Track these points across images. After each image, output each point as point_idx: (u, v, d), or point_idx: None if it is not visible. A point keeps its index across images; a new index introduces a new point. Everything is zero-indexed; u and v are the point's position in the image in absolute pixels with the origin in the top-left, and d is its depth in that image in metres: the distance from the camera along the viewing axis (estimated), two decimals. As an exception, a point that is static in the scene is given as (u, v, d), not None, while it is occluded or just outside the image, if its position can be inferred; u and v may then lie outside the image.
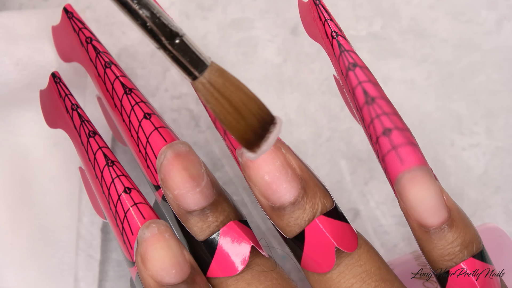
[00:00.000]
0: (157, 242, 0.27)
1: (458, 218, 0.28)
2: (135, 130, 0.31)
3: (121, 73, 0.32)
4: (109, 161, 0.31)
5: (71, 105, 0.32)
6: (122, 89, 0.32)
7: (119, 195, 0.30)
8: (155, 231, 0.28)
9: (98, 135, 0.31)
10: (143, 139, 0.31)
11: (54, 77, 0.32)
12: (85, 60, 0.34)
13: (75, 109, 0.32)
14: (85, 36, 0.33)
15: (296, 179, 0.28)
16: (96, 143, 0.31)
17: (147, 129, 0.31)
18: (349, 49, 0.29)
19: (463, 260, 0.28)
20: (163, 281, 0.27)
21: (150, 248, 0.27)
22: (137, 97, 0.32)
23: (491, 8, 0.43)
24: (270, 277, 0.29)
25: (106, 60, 0.33)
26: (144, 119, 0.31)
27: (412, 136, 0.28)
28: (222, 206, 0.29)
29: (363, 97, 0.29)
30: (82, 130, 0.31)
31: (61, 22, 0.35)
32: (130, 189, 0.30)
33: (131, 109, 0.31)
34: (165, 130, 0.31)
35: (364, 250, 0.29)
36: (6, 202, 0.38)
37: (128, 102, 0.31)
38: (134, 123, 0.31)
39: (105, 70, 0.32)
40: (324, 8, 0.30)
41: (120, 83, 0.32)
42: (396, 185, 0.28)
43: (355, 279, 0.29)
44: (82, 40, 0.33)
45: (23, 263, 0.37)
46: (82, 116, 0.32)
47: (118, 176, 0.30)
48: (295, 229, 0.29)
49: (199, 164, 0.29)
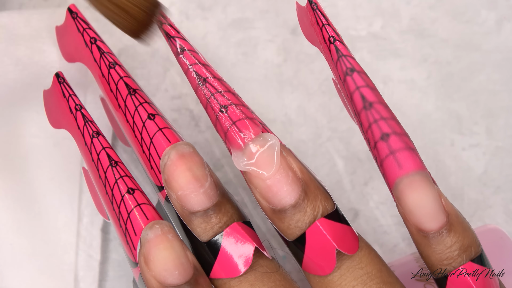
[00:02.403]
0: (160, 243, 0.28)
1: (456, 223, 0.28)
2: (139, 131, 0.31)
3: (125, 74, 0.32)
4: (113, 162, 0.31)
5: (75, 105, 0.32)
6: (126, 89, 0.32)
7: (123, 196, 0.30)
8: (158, 232, 0.28)
9: (102, 136, 0.31)
10: (147, 140, 0.31)
11: (58, 77, 0.32)
12: (89, 61, 0.34)
13: (79, 109, 0.32)
14: (89, 36, 0.34)
15: (297, 181, 0.28)
16: (100, 143, 0.31)
17: (151, 130, 0.31)
18: (347, 54, 0.29)
19: (461, 264, 0.28)
20: (166, 282, 0.27)
21: (153, 249, 0.27)
22: (141, 98, 0.32)
23: (491, 8, 0.43)
24: (273, 278, 0.29)
25: (111, 61, 0.33)
26: (148, 120, 0.31)
27: (410, 141, 0.28)
28: (226, 207, 0.30)
29: (361, 102, 0.29)
30: (85, 131, 0.32)
31: (65, 22, 0.35)
32: (134, 189, 0.30)
33: (135, 109, 0.31)
34: (169, 131, 0.31)
35: (365, 253, 0.29)
36: (6, 202, 0.38)
37: (132, 102, 0.32)
38: (138, 123, 0.31)
39: (109, 70, 0.33)
40: (321, 13, 0.30)
41: (124, 84, 0.32)
42: (394, 190, 0.28)
43: (356, 282, 0.29)
44: (86, 41, 0.34)
45: (23, 263, 0.38)
46: (86, 117, 0.32)
47: (122, 176, 0.30)
48: (296, 231, 0.29)
49: (202, 165, 0.29)
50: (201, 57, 0.30)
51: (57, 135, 0.38)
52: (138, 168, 0.40)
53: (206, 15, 0.42)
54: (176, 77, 0.41)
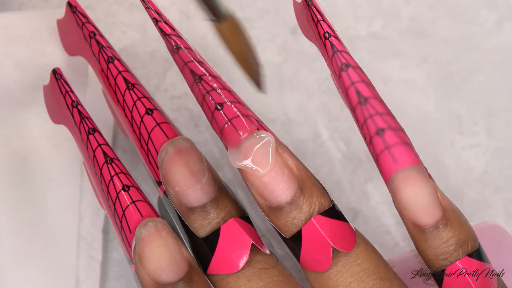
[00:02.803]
0: (154, 240, 0.28)
1: (453, 217, 0.28)
2: (137, 126, 0.31)
3: (124, 68, 0.32)
4: (108, 159, 0.31)
5: (72, 101, 0.32)
6: (125, 84, 0.32)
7: (118, 193, 0.30)
8: (152, 229, 0.28)
9: (98, 132, 0.31)
10: (145, 135, 0.31)
11: (55, 73, 0.32)
12: (89, 55, 0.34)
13: (75, 106, 0.32)
14: (88, 30, 0.33)
15: (293, 178, 0.28)
16: (96, 140, 0.31)
17: (149, 124, 0.31)
18: (342, 50, 0.29)
19: (458, 259, 0.28)
20: (160, 279, 0.27)
21: (146, 246, 0.28)
22: (139, 93, 0.32)
23: (491, 8, 0.43)
24: (270, 274, 0.29)
25: (109, 55, 0.33)
26: (146, 115, 0.31)
27: (406, 136, 0.28)
28: (224, 202, 0.30)
29: (356, 97, 0.29)
30: (82, 127, 0.32)
31: (65, 16, 0.35)
32: (129, 186, 0.30)
33: (133, 104, 0.31)
34: (167, 126, 0.31)
35: (362, 249, 0.29)
36: (7, 204, 0.38)
37: (130, 97, 0.32)
38: (136, 118, 0.31)
39: (108, 65, 0.33)
40: (316, 9, 0.30)
41: (123, 78, 0.32)
42: (390, 185, 0.28)
43: (353, 278, 0.29)
44: (85, 35, 0.34)
45: (24, 264, 0.38)
46: (82, 113, 0.32)
47: (117, 173, 0.30)
48: (292, 228, 0.29)
49: (200, 160, 0.29)
50: (197, 54, 0.30)
51: (57, 137, 0.38)
52: (137, 169, 0.40)
53: (206, 15, 0.42)
54: (176, 77, 0.42)
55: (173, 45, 0.31)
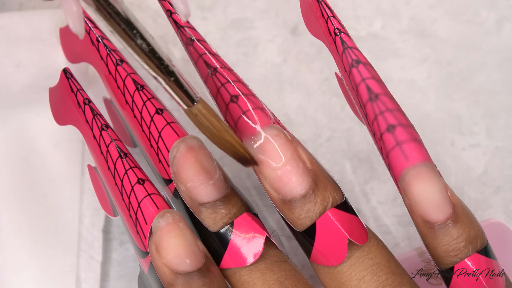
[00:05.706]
0: (172, 230, 0.28)
1: (462, 214, 0.29)
2: (147, 126, 0.31)
3: (132, 71, 0.33)
4: (122, 153, 0.31)
5: (83, 99, 0.32)
6: (134, 85, 0.32)
7: (133, 186, 0.30)
8: (170, 220, 0.28)
9: (110, 128, 0.32)
10: (155, 134, 0.31)
11: (66, 73, 0.33)
12: (96, 59, 0.34)
13: (87, 103, 0.32)
14: (96, 35, 0.34)
15: (307, 172, 0.29)
16: (109, 135, 0.32)
17: (159, 124, 0.31)
18: (352, 46, 0.30)
19: (468, 256, 0.29)
20: (178, 269, 0.28)
21: (165, 236, 0.28)
22: (148, 94, 0.32)
23: (491, 8, 0.43)
24: (283, 267, 0.30)
25: (118, 58, 0.33)
26: (156, 114, 0.31)
27: (416, 133, 0.29)
28: (235, 199, 0.30)
29: (366, 93, 0.29)
30: (94, 124, 0.32)
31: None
32: (144, 180, 0.31)
33: (143, 105, 0.32)
34: (176, 125, 0.31)
35: (374, 243, 0.30)
36: (7, 204, 0.38)
37: (140, 98, 0.32)
38: (146, 118, 0.32)
39: (116, 67, 0.33)
40: (326, 5, 0.30)
41: (132, 80, 0.32)
42: (400, 181, 0.28)
43: (366, 272, 0.29)
44: (92, 39, 0.34)
45: (24, 264, 0.38)
46: (94, 110, 0.32)
47: (132, 167, 0.31)
48: (306, 222, 0.29)
49: (211, 158, 0.29)
50: (211, 47, 0.30)
51: (57, 137, 0.39)
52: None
53: (206, 15, 0.42)
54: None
55: (188, 37, 0.31)
